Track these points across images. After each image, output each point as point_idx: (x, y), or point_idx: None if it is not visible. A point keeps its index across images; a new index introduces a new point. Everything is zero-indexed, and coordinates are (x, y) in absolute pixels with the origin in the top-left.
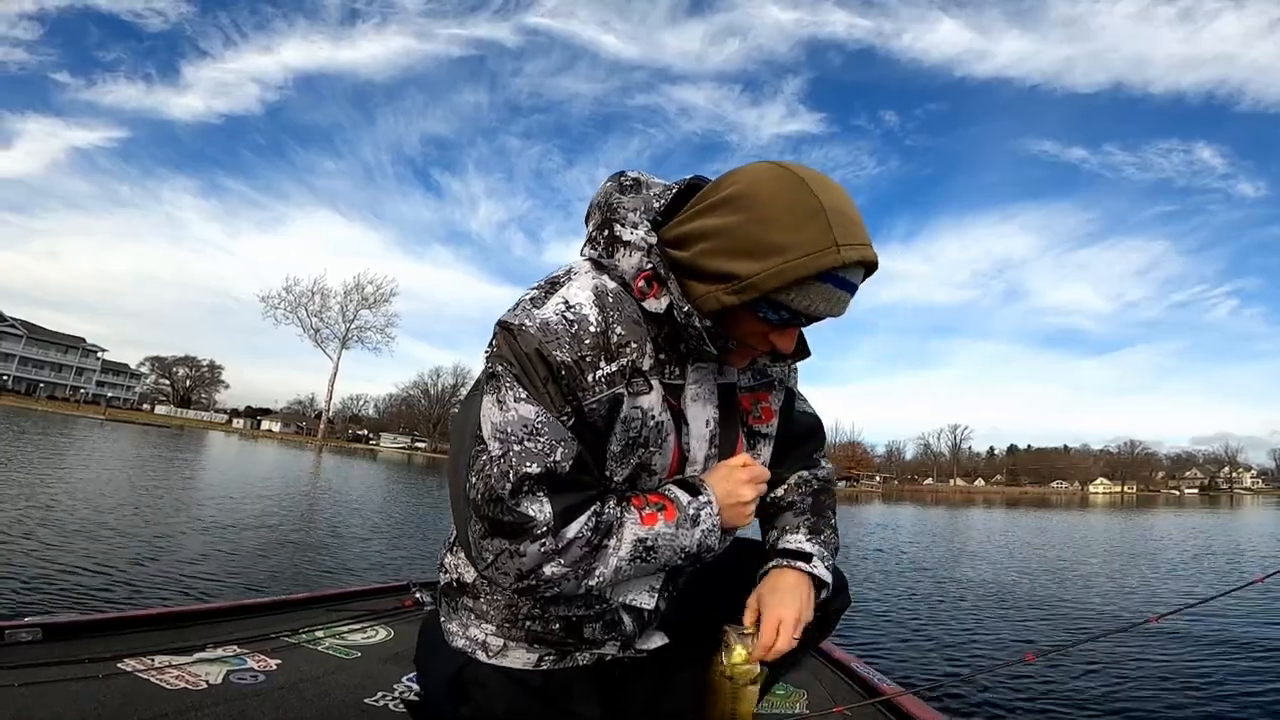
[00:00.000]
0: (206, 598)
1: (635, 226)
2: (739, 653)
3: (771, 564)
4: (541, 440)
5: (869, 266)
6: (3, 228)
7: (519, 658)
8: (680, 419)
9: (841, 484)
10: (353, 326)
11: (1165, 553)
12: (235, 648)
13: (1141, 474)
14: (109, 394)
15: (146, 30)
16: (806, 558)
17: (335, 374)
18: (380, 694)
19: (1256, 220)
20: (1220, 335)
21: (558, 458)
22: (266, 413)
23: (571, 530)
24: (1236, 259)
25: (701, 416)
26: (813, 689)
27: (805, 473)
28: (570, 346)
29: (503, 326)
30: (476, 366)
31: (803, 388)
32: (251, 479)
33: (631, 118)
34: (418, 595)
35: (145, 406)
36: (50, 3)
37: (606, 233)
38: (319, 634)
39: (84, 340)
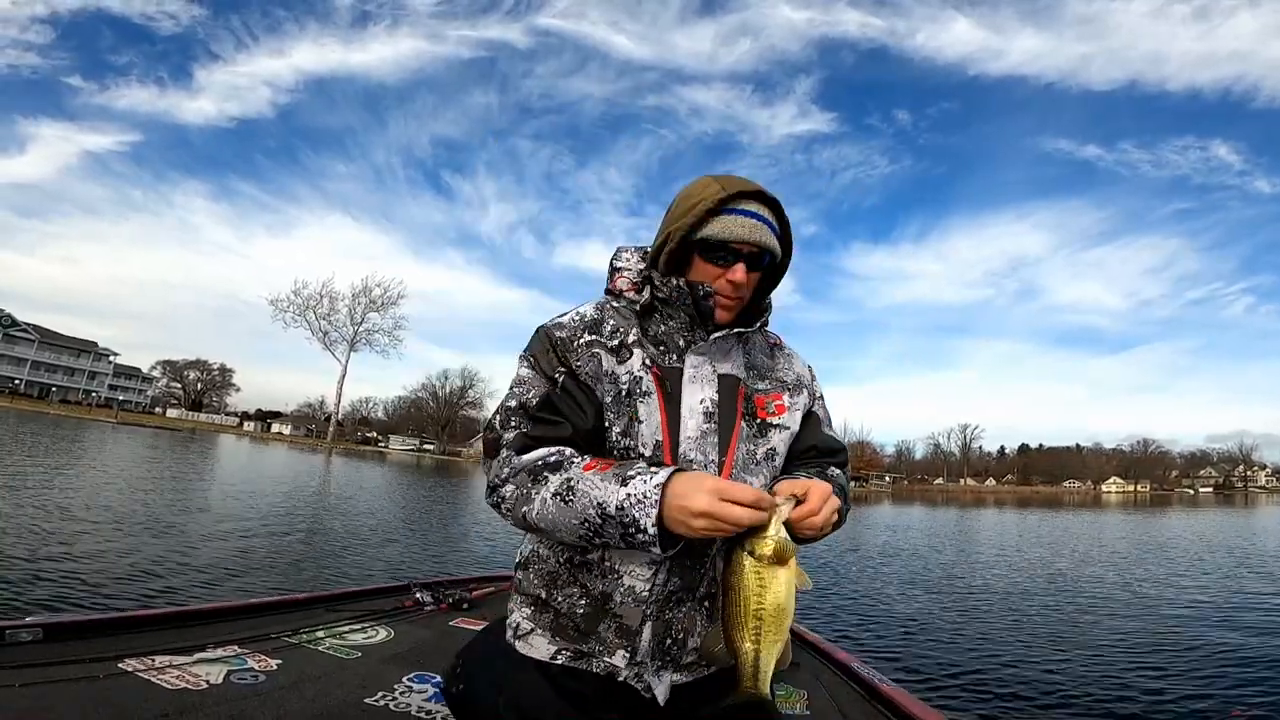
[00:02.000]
0: (209, 598)
1: (627, 260)
2: (771, 523)
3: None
4: (523, 387)
5: (758, 195)
6: (16, 233)
7: (541, 647)
8: (665, 384)
9: (851, 484)
10: (361, 329)
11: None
12: (236, 648)
13: (1155, 473)
14: (121, 398)
15: (159, 33)
16: (821, 468)
17: (343, 377)
18: (381, 694)
19: (1272, 217)
20: (1236, 332)
21: (529, 397)
22: (277, 415)
23: (526, 457)
24: (1252, 256)
25: (698, 394)
26: (814, 690)
27: (811, 468)
28: (568, 330)
29: (537, 328)
30: (485, 368)
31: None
32: (261, 481)
33: (642, 119)
34: (418, 595)
35: (157, 410)
36: (63, 6)
37: (610, 272)
38: (319, 634)
39: (96, 344)
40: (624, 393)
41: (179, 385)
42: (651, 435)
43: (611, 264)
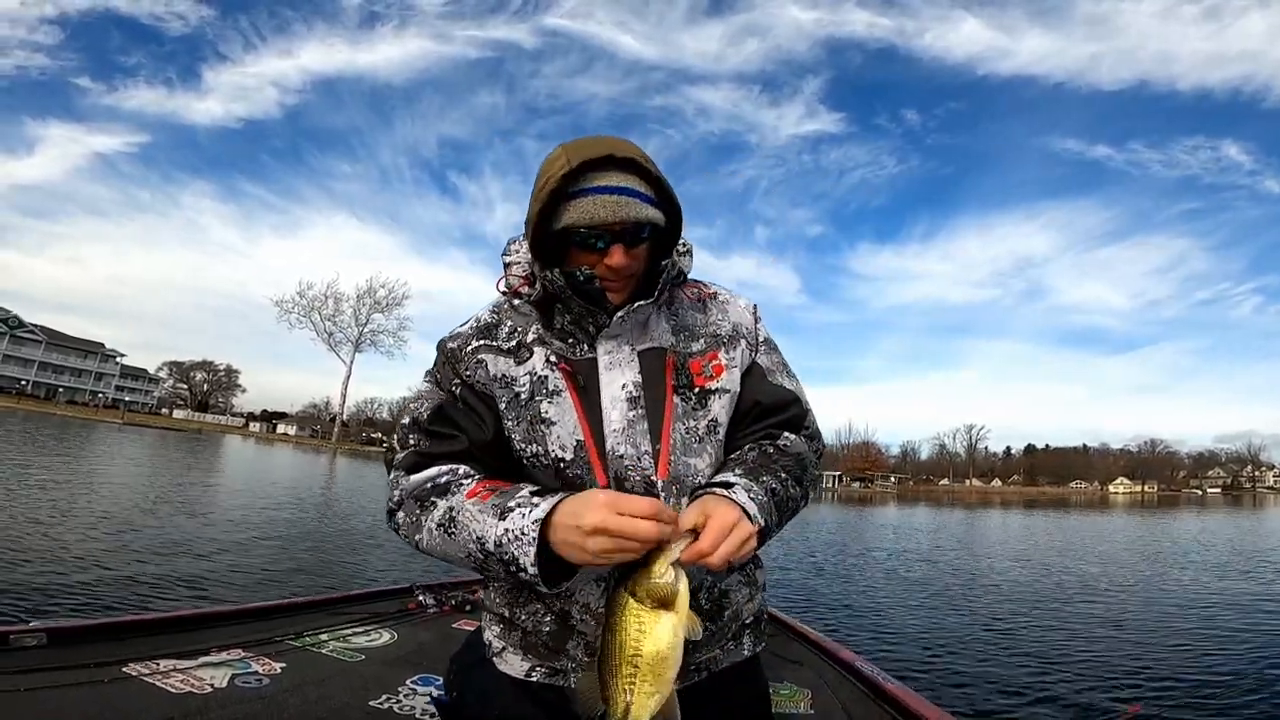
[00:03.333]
0: (213, 601)
1: (515, 252)
2: (655, 559)
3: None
4: (420, 401)
5: (610, 162)
6: (24, 234)
7: (514, 665)
8: (577, 378)
9: (856, 485)
10: (365, 330)
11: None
12: (239, 651)
13: (1162, 473)
14: (127, 398)
15: (167, 34)
16: (727, 485)
17: (348, 377)
18: (384, 697)
19: None
20: (1244, 332)
21: (423, 410)
22: (282, 416)
23: (415, 478)
24: (1261, 256)
25: (619, 379)
26: (817, 688)
27: (762, 442)
28: (460, 338)
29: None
30: None
31: (817, 388)
32: (265, 483)
33: (649, 119)
34: (421, 598)
35: (163, 411)
36: (72, 7)
37: (503, 268)
38: (323, 637)
39: (103, 345)
40: (523, 396)
41: (185, 386)
42: (570, 436)
43: (502, 259)
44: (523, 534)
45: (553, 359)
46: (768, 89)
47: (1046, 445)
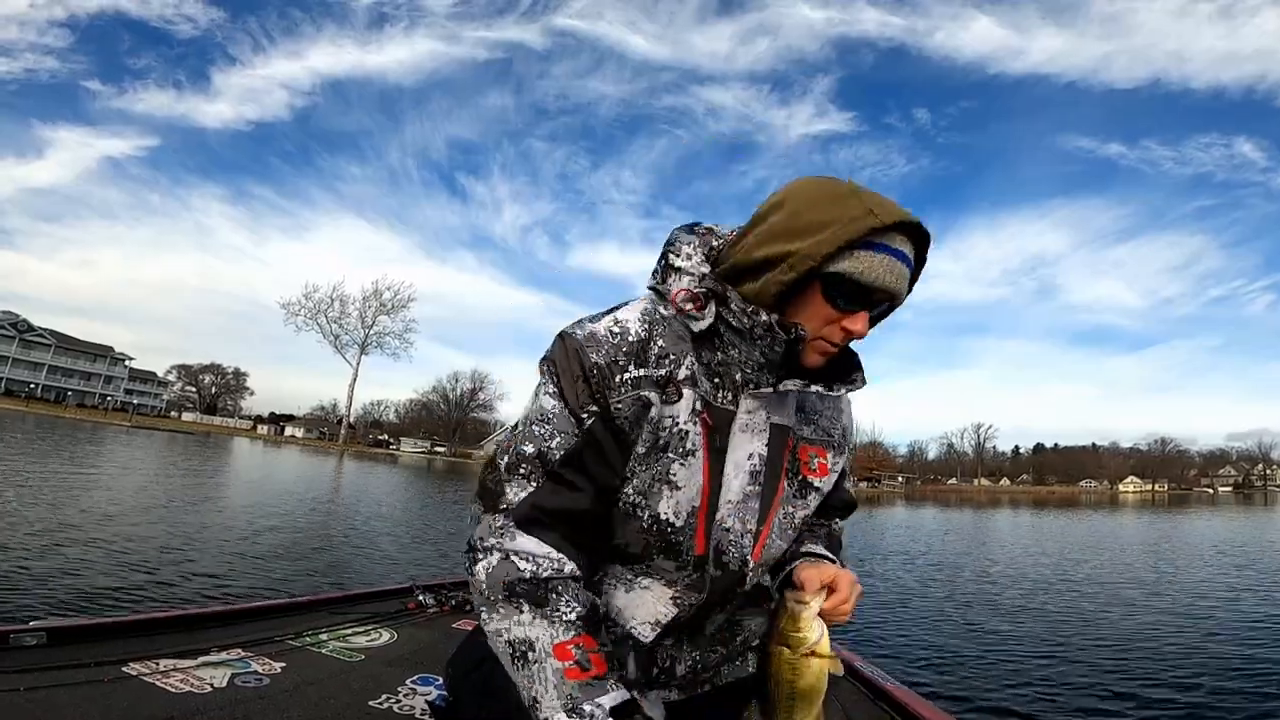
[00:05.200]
0: (214, 601)
1: (689, 257)
2: (801, 616)
3: (797, 562)
4: (547, 427)
5: (913, 231)
6: (34, 237)
7: None
8: (714, 437)
9: (863, 484)
10: (371, 332)
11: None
12: (240, 651)
13: (1173, 472)
14: (136, 401)
15: (177, 36)
16: (829, 524)
17: (355, 379)
18: (384, 696)
19: None
20: (1257, 330)
21: (553, 445)
22: (290, 419)
23: (522, 542)
24: (1275, 252)
25: (746, 447)
26: None
27: (826, 524)
28: (605, 352)
29: (559, 334)
30: (496, 370)
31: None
32: (272, 485)
33: (658, 119)
34: (421, 598)
35: (172, 414)
36: (81, 9)
37: (663, 262)
38: (323, 637)
39: (112, 349)
40: (661, 445)
41: (193, 389)
42: (688, 502)
43: (665, 256)
44: None
45: (698, 407)
46: (778, 88)
47: (1055, 444)
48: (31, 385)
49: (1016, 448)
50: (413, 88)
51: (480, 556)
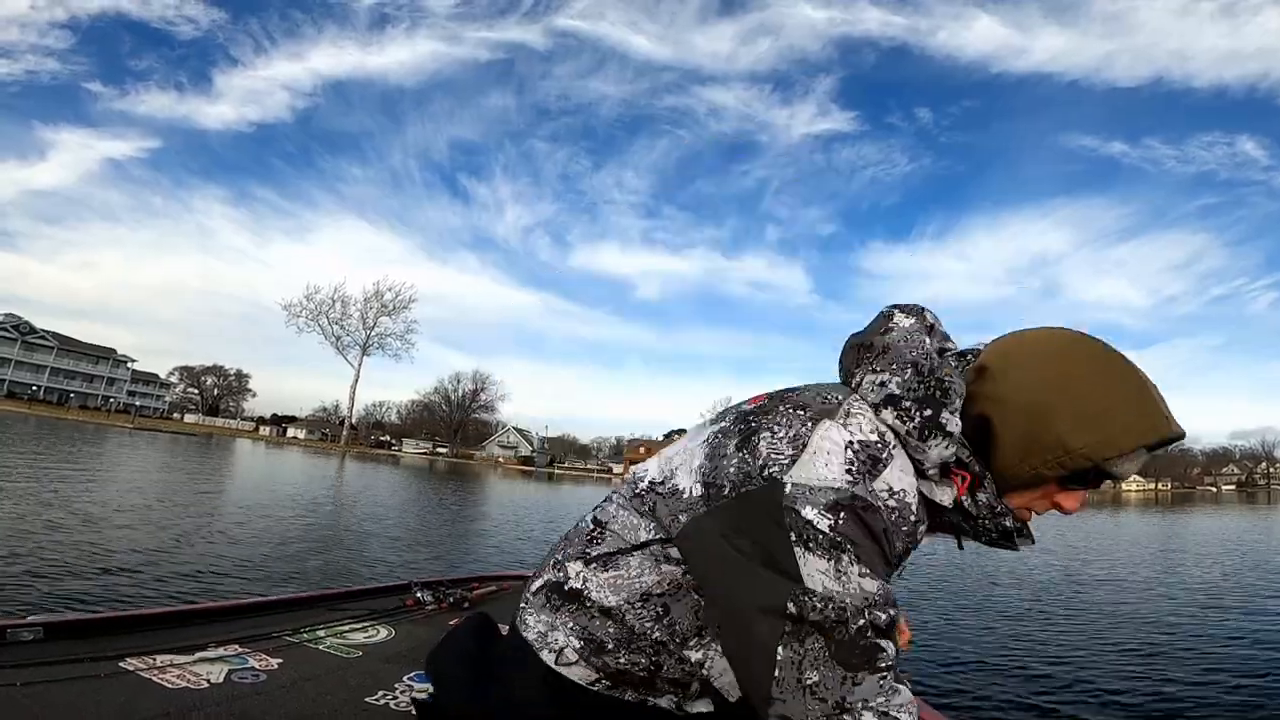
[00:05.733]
0: (211, 596)
1: (955, 411)
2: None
3: None
4: (877, 604)
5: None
6: (35, 240)
7: (579, 674)
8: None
9: None
10: (373, 333)
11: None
12: (237, 647)
13: (1175, 470)
14: (139, 403)
15: (178, 38)
16: None
17: (356, 381)
18: (381, 693)
19: None
20: (1260, 328)
21: (884, 618)
22: (292, 420)
23: (905, 693)
24: (1278, 251)
25: None
26: None
27: None
28: (903, 538)
29: (858, 502)
30: (498, 371)
31: None
32: (273, 485)
33: (660, 119)
34: (419, 595)
35: (175, 415)
36: (82, 11)
37: (929, 413)
38: (320, 633)
39: (114, 351)
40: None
41: (196, 390)
42: None
43: (937, 401)
44: None
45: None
46: (780, 88)
47: None
48: (34, 387)
49: None
50: (414, 89)
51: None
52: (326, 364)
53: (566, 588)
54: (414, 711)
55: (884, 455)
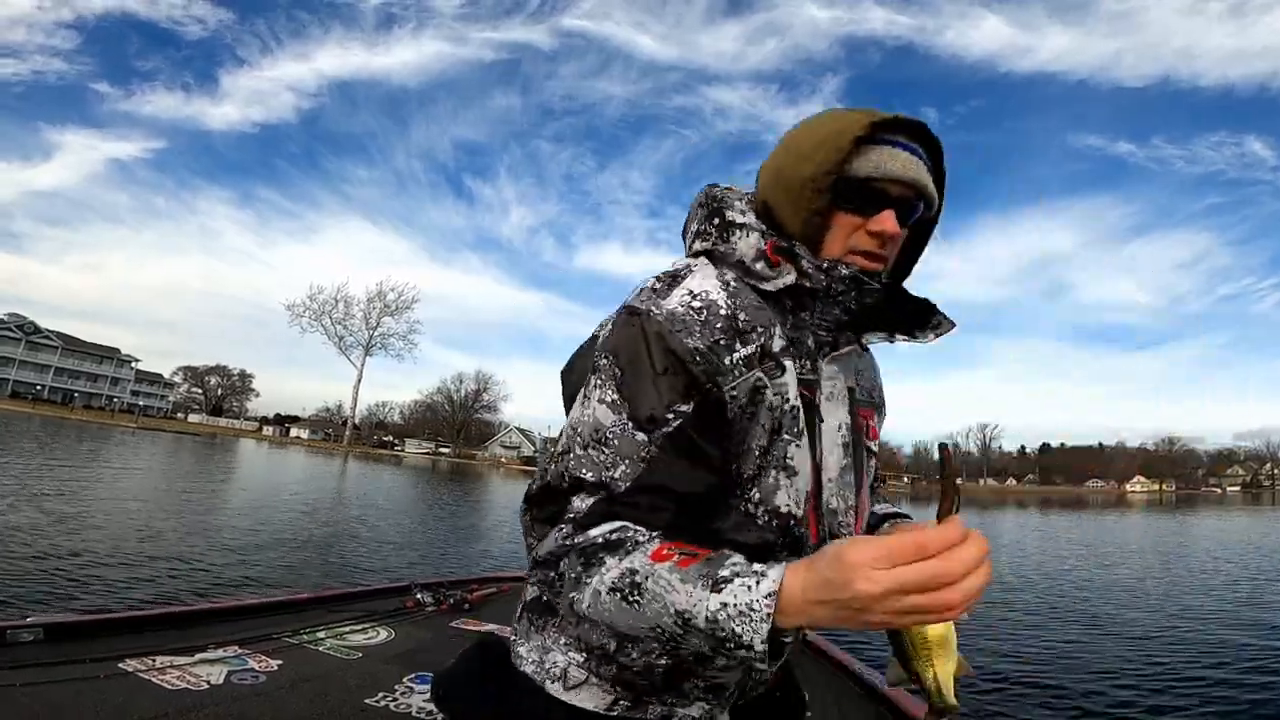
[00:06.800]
0: (211, 597)
1: (744, 213)
2: None
3: (889, 523)
4: (606, 452)
5: (917, 130)
6: (40, 241)
7: (592, 699)
8: (815, 413)
9: None
10: (376, 334)
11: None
12: (236, 648)
13: (1180, 471)
14: (142, 403)
15: (185, 38)
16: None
17: (359, 381)
18: (381, 694)
19: None
20: (1266, 328)
21: (616, 475)
22: (295, 420)
23: (595, 531)
24: None
25: (835, 417)
26: (813, 690)
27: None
28: (702, 333)
29: (629, 311)
30: (500, 371)
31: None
32: (276, 485)
33: (665, 119)
34: (419, 596)
35: (178, 415)
36: (88, 11)
37: (718, 221)
38: (320, 634)
39: (118, 351)
40: (775, 428)
41: (200, 391)
42: (803, 488)
43: (717, 210)
44: (751, 610)
45: (798, 378)
46: (786, 88)
47: (1062, 444)
48: (38, 387)
49: (1022, 447)
50: (419, 89)
51: (546, 560)
52: (329, 364)
53: (542, 602)
54: (431, 707)
55: (684, 272)
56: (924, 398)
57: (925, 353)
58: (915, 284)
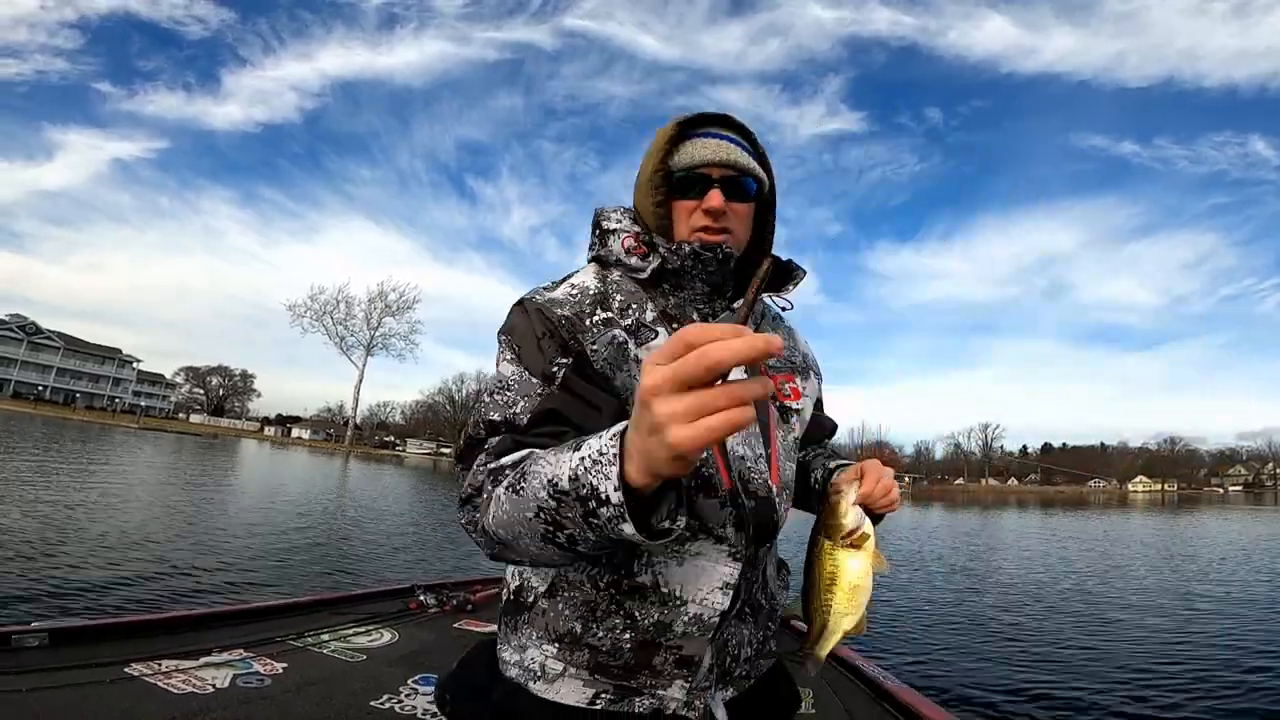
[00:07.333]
0: (215, 601)
1: (619, 220)
2: (838, 505)
3: (838, 464)
4: (509, 394)
5: (717, 119)
6: (42, 241)
7: (574, 691)
8: None
9: None
10: (377, 334)
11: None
12: (241, 651)
13: (1182, 471)
14: (144, 403)
15: (187, 38)
16: (824, 449)
17: (360, 381)
18: (385, 696)
19: None
20: (1269, 328)
21: (518, 410)
22: (297, 420)
23: (506, 459)
24: None
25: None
26: (819, 688)
27: (825, 455)
28: (570, 306)
29: (518, 301)
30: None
31: (833, 386)
32: (277, 486)
33: (668, 119)
34: (422, 598)
35: (180, 416)
36: (91, 11)
37: (598, 231)
38: (324, 637)
39: (120, 351)
40: None
41: (201, 391)
42: None
43: (598, 225)
44: (601, 455)
45: None
46: (789, 88)
47: (1064, 444)
48: (40, 387)
49: (1024, 447)
50: (422, 89)
51: (467, 498)
52: (331, 364)
53: (513, 601)
54: (434, 710)
55: (573, 273)
56: (925, 398)
57: (926, 353)
58: (916, 284)
